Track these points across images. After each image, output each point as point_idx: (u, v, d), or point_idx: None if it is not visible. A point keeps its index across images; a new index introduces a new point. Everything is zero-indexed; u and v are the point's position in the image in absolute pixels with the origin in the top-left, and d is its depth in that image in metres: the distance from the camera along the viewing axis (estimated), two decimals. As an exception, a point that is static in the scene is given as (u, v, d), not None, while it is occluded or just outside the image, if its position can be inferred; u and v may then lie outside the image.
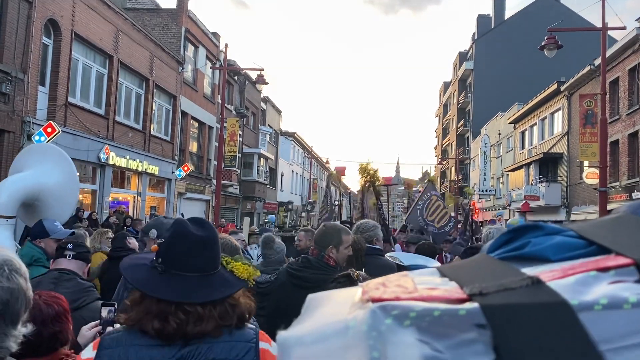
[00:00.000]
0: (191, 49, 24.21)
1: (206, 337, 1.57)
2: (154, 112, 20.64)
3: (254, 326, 1.73)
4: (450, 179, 54.47)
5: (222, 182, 21.74)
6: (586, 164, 22.76)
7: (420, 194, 10.44)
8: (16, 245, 5.82)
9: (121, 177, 18.94)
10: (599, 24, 14.85)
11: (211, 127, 26.68)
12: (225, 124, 23.53)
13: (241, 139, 29.44)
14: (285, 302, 3.14)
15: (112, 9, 16.94)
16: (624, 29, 15.83)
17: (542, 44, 15.31)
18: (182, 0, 22.94)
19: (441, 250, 7.91)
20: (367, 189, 12.26)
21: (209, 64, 25.86)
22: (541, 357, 0.40)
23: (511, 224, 7.02)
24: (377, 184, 11.20)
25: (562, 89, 26.99)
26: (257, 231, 12.71)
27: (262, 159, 33.20)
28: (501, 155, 37.81)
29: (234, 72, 27.84)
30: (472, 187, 43.76)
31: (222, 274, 1.72)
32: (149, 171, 19.78)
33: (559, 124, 28.57)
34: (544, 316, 0.42)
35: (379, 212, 9.92)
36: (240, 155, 29.05)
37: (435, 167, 69.24)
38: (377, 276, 0.58)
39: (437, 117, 71.69)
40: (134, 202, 19.75)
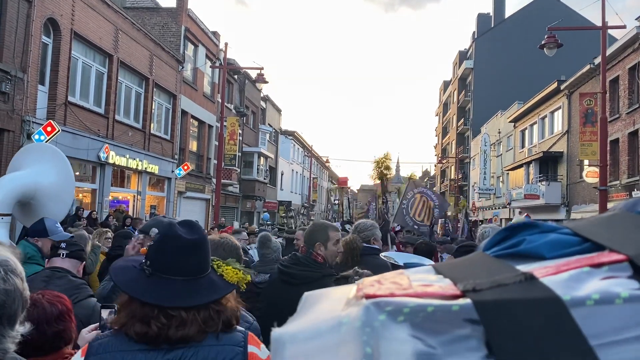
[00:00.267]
0: (191, 48, 24.20)
1: (191, 341, 1.55)
2: (153, 111, 20.63)
3: (243, 329, 1.71)
4: (450, 177, 54.47)
5: (222, 181, 21.75)
6: (586, 162, 22.74)
7: (403, 194, 10.41)
8: (11, 243, 5.82)
9: (121, 176, 18.93)
10: (599, 23, 14.85)
11: (211, 126, 26.67)
12: (225, 123, 23.55)
13: (241, 138, 29.43)
14: (275, 299, 3.24)
15: (111, 8, 16.93)
16: (624, 27, 15.82)
17: (542, 42, 15.31)
18: (182, -1, 22.96)
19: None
20: (382, 185, 12.33)
21: (209, 63, 25.86)
22: (532, 352, 0.40)
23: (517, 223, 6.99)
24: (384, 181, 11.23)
25: (562, 87, 26.97)
26: (256, 230, 12.72)
27: (262, 158, 33.19)
28: (501, 154, 37.79)
29: (233, 71, 27.83)
30: (473, 185, 43.76)
31: (210, 278, 1.69)
32: (148, 170, 19.77)
33: (559, 122, 28.55)
34: (536, 312, 0.42)
35: (383, 207, 9.94)
36: (240, 154, 29.05)
37: (435, 166, 69.28)
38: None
39: (437, 115, 71.66)
40: (134, 201, 19.75)
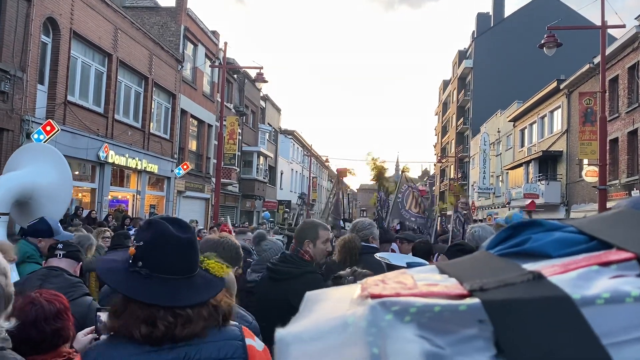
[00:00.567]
0: (190, 47, 24.19)
1: (194, 338, 1.56)
2: (153, 110, 20.62)
3: (237, 324, 1.73)
4: (449, 177, 54.50)
5: (222, 180, 21.74)
6: (586, 162, 22.76)
7: (397, 187, 10.38)
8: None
9: (120, 175, 18.92)
10: (598, 22, 14.85)
11: (210, 126, 26.66)
12: (224, 122, 23.53)
13: (240, 137, 29.43)
14: (263, 296, 3.38)
15: (111, 8, 16.91)
16: (623, 27, 15.81)
17: (542, 42, 15.31)
18: (181, -2, 22.95)
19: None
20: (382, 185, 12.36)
21: (208, 63, 25.85)
22: (544, 351, 0.40)
23: (508, 217, 7.00)
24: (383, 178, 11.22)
25: (562, 87, 26.98)
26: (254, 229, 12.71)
27: (261, 157, 33.19)
28: (500, 153, 37.80)
29: (233, 71, 27.81)
30: (472, 185, 43.77)
31: (202, 274, 1.70)
32: (148, 169, 19.77)
33: (558, 122, 28.56)
34: (546, 311, 0.42)
35: (380, 206, 9.91)
36: (239, 153, 29.04)
37: (434, 165, 69.30)
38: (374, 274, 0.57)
39: (436, 115, 71.69)
40: (133, 200, 19.75)
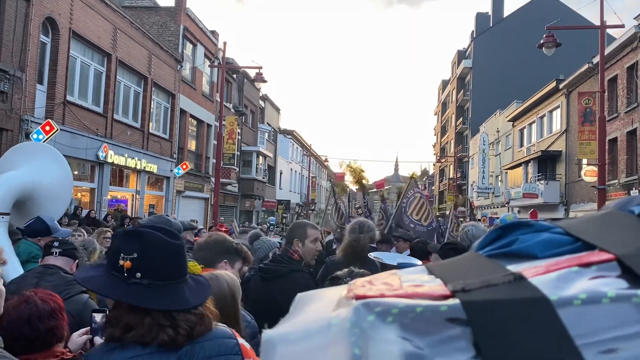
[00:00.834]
0: (189, 47, 24.19)
1: (198, 337, 1.61)
2: (152, 110, 20.61)
3: (225, 325, 1.77)
4: (449, 176, 54.52)
5: (221, 180, 21.74)
6: (585, 161, 22.76)
7: (404, 192, 10.31)
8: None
9: (119, 175, 18.92)
10: (597, 22, 14.86)
11: (210, 125, 26.66)
12: (223, 122, 23.53)
13: (240, 137, 29.41)
14: (255, 295, 3.44)
15: (110, 7, 16.91)
16: (622, 27, 15.83)
17: (541, 42, 15.31)
18: (181, -2, 22.94)
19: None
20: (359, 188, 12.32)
21: (208, 62, 25.84)
22: (518, 352, 0.40)
23: (507, 219, 6.98)
24: (365, 183, 11.18)
25: (561, 87, 26.99)
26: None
27: (260, 157, 33.19)
28: (500, 153, 37.81)
29: (232, 70, 27.80)
30: (471, 184, 43.78)
31: (190, 276, 1.76)
32: (147, 169, 19.76)
33: (557, 121, 28.58)
34: (523, 311, 0.42)
35: (365, 208, 9.88)
36: (238, 153, 29.03)
37: (434, 165, 69.32)
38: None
39: (435, 115, 71.68)
40: (133, 200, 19.75)
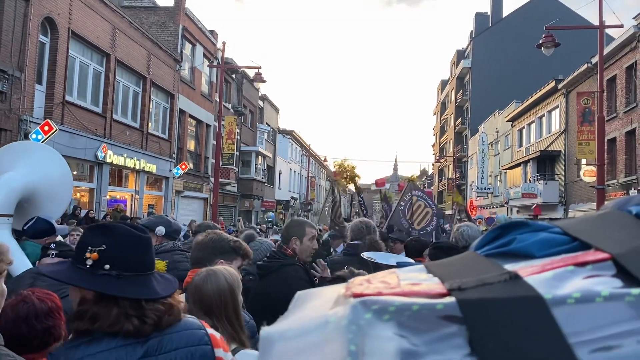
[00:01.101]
0: (188, 47, 24.19)
1: (166, 328, 1.63)
2: (151, 110, 20.61)
3: (195, 317, 1.80)
4: (448, 176, 54.54)
5: (220, 180, 21.74)
6: (584, 161, 22.77)
7: (401, 194, 10.15)
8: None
9: (118, 175, 18.91)
10: (596, 22, 14.88)
11: (209, 125, 26.66)
12: (222, 122, 23.53)
13: (239, 137, 29.41)
14: (253, 292, 3.53)
15: (109, 7, 16.90)
16: (621, 27, 15.84)
17: (540, 42, 15.33)
18: (180, -2, 22.93)
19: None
20: (347, 185, 12.23)
21: (207, 62, 25.83)
22: (511, 350, 0.40)
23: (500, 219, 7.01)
24: (357, 181, 11.12)
25: (560, 87, 27.02)
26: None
27: (259, 157, 33.19)
28: (499, 153, 37.83)
29: (231, 70, 27.80)
30: (470, 184, 43.80)
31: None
32: (146, 169, 19.76)
33: (556, 121, 28.60)
34: (517, 310, 0.43)
35: (361, 207, 9.80)
36: (238, 153, 29.03)
37: (433, 165, 69.36)
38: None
39: (434, 115, 71.71)
40: (132, 200, 19.74)
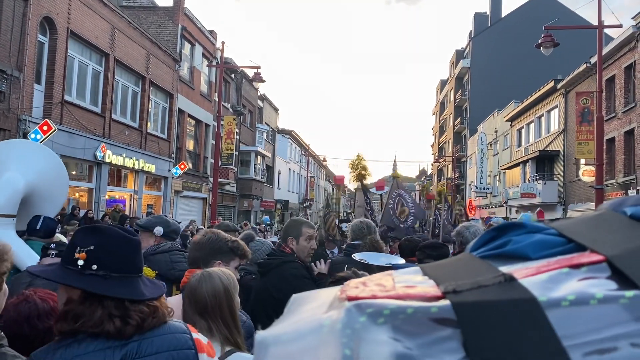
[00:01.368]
0: (187, 46, 24.17)
1: (149, 331, 1.62)
2: (150, 110, 20.60)
3: (181, 321, 1.80)
4: (447, 176, 54.55)
5: (219, 180, 21.72)
6: (582, 161, 22.77)
7: (388, 193, 10.14)
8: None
9: (117, 175, 18.90)
10: (595, 22, 14.87)
11: (208, 125, 26.64)
12: (222, 122, 23.52)
13: (238, 137, 29.40)
14: (255, 290, 3.56)
15: (108, 7, 16.89)
16: (620, 27, 15.85)
17: (539, 41, 15.33)
18: (179, -2, 22.91)
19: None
20: (358, 187, 12.23)
21: (206, 62, 25.82)
22: (506, 352, 0.40)
23: (529, 218, 6.98)
24: (367, 185, 11.12)
25: (559, 86, 27.02)
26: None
27: (259, 157, 33.17)
28: (498, 153, 37.84)
29: (230, 70, 27.79)
30: (469, 184, 43.80)
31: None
32: (145, 169, 19.74)
33: (555, 121, 28.60)
34: (512, 313, 0.43)
35: (366, 207, 9.80)
36: (237, 153, 29.02)
37: (432, 164, 69.37)
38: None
39: (434, 114, 71.73)
40: (131, 200, 19.72)
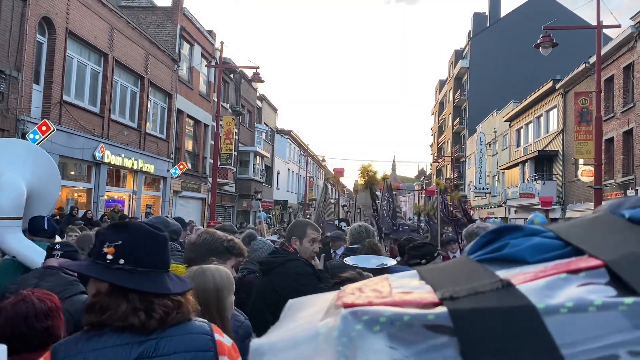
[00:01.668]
0: (186, 47, 24.14)
1: (167, 330, 1.62)
2: (149, 110, 20.57)
3: (206, 320, 1.79)
4: (446, 176, 54.55)
5: (218, 180, 21.70)
6: (581, 161, 22.78)
7: (381, 195, 10.11)
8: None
9: (116, 175, 18.87)
10: (594, 22, 14.87)
11: (207, 125, 26.62)
12: (220, 122, 23.49)
13: (237, 137, 29.38)
14: (257, 289, 3.55)
15: (106, 7, 16.86)
16: (618, 27, 15.85)
17: (538, 42, 15.32)
18: (177, -2, 22.89)
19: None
20: (364, 189, 12.18)
21: (205, 62, 25.78)
22: None
23: (534, 224, 6.96)
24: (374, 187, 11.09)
25: (558, 86, 27.03)
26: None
27: (258, 157, 33.14)
28: (497, 153, 37.85)
29: (229, 70, 27.76)
30: (468, 184, 43.80)
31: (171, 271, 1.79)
32: (144, 169, 19.72)
33: (554, 121, 28.61)
34: (509, 320, 0.42)
35: (373, 214, 9.81)
36: (236, 153, 28.99)
37: (431, 165, 69.39)
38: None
39: (433, 115, 71.75)
40: (130, 200, 19.69)
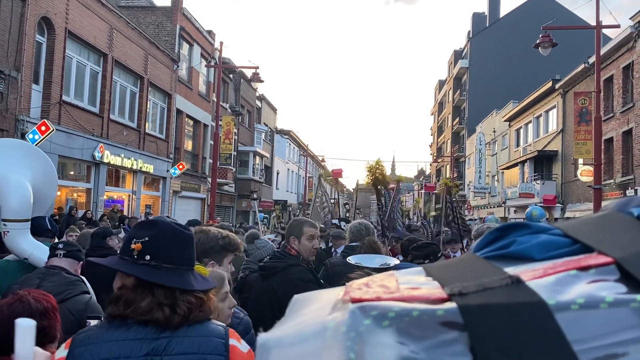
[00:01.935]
0: (186, 47, 24.14)
1: (179, 330, 1.63)
2: (148, 110, 20.58)
3: (223, 324, 1.79)
4: (445, 176, 54.59)
5: (218, 180, 21.70)
6: (581, 161, 22.79)
7: (392, 196, 10.11)
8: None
9: (116, 175, 18.88)
10: (593, 22, 14.87)
11: (206, 125, 26.62)
12: (220, 122, 23.50)
13: (236, 137, 29.38)
14: (256, 292, 3.55)
15: (106, 7, 16.86)
16: (618, 27, 15.85)
17: (537, 42, 15.32)
18: (177, -2, 22.89)
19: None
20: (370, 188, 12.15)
21: (204, 62, 25.78)
22: (515, 357, 0.40)
23: (531, 215, 7.00)
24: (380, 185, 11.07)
25: (557, 86, 27.05)
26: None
27: (257, 157, 33.15)
28: (496, 153, 37.87)
29: (229, 70, 27.77)
30: (468, 184, 43.83)
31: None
32: (143, 169, 19.72)
33: (553, 121, 28.64)
34: (520, 316, 0.42)
35: (379, 212, 9.80)
36: (235, 153, 29.00)
37: (430, 165, 69.41)
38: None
39: (432, 115, 71.78)
40: (129, 200, 19.69)
